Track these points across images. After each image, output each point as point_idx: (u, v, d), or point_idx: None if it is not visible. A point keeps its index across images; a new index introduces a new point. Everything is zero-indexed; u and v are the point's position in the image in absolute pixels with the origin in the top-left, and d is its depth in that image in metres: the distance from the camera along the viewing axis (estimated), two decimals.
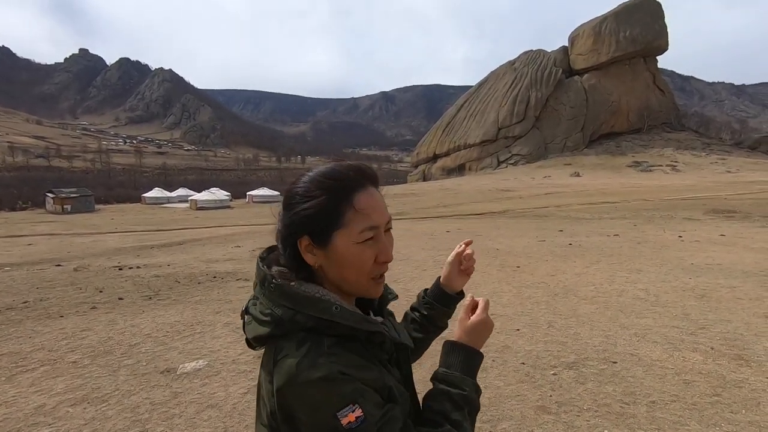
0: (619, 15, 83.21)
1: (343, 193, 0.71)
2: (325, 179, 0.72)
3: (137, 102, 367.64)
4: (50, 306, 5.68)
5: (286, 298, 0.70)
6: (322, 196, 0.71)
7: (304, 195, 0.72)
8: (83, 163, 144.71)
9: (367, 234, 0.72)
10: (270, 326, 0.70)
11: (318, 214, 0.71)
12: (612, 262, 8.12)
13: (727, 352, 3.75)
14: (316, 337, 0.68)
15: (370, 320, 0.73)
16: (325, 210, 0.71)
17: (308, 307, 0.69)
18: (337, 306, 0.70)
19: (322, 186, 0.72)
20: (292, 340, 0.68)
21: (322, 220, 0.71)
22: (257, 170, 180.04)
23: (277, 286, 0.71)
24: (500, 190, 42.60)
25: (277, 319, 0.69)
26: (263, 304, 0.72)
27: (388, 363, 0.77)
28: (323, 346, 0.67)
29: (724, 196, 26.35)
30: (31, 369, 3.63)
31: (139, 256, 11.29)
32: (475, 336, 0.82)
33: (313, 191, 0.72)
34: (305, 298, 0.70)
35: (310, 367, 0.64)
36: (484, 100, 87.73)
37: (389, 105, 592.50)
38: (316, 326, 0.69)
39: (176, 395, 3.13)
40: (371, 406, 0.65)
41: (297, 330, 0.69)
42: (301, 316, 0.69)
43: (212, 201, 50.73)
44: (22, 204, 55.37)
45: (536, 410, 2.87)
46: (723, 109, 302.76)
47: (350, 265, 0.73)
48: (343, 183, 0.72)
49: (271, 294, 0.71)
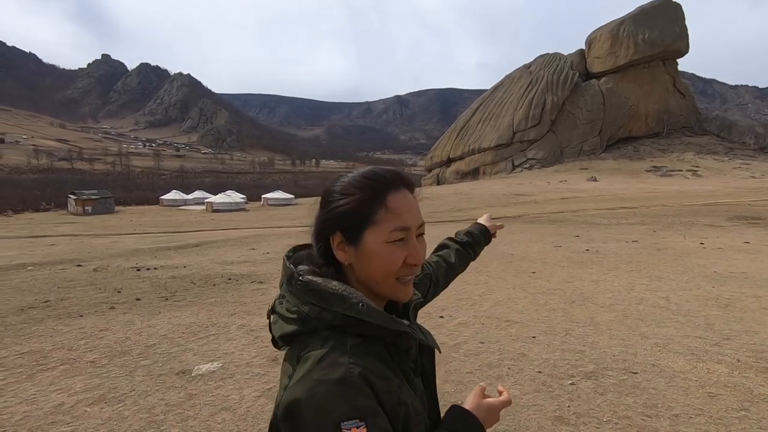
0: (638, 17, 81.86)
1: (376, 192, 0.73)
2: (362, 179, 0.75)
3: (156, 106, 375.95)
4: (70, 305, 5.80)
5: (313, 294, 0.70)
6: (357, 194, 0.73)
7: (341, 193, 0.74)
8: (104, 166, 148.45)
9: (398, 234, 0.72)
10: (296, 323, 0.70)
11: (351, 212, 0.72)
12: (631, 269, 7.93)
13: (754, 365, 3.61)
14: (340, 335, 0.68)
15: (396, 320, 0.72)
16: (359, 207, 0.72)
17: (335, 304, 0.69)
18: (364, 304, 0.69)
19: (359, 185, 0.74)
20: (318, 337, 0.68)
21: (355, 217, 0.72)
22: (272, 173, 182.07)
23: (304, 283, 0.71)
24: (515, 195, 42.15)
25: (304, 316, 0.69)
26: (290, 302, 0.72)
27: (412, 371, 0.76)
28: (346, 345, 0.66)
29: (748, 202, 25.56)
30: (51, 367, 3.71)
31: (156, 257, 11.48)
32: (486, 416, 0.81)
33: (349, 189, 0.74)
34: (332, 295, 0.69)
35: (330, 365, 0.64)
36: (499, 104, 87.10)
37: (403, 109, 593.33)
38: (342, 324, 0.68)
39: (191, 397, 3.16)
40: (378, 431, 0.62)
41: (323, 327, 0.69)
42: (328, 313, 0.68)
43: (228, 203, 51.35)
44: (46, 205, 56.93)
45: (554, 421, 2.80)
46: (746, 113, 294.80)
47: (379, 264, 0.73)
48: (378, 183, 0.74)
49: (297, 291, 0.72)
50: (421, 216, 0.77)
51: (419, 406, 0.72)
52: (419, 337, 0.77)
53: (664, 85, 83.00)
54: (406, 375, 0.74)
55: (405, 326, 0.73)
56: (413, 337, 0.75)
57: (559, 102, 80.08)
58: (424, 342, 0.79)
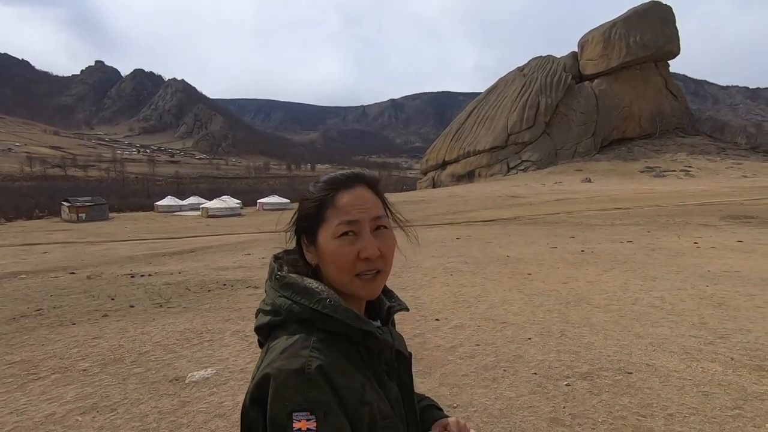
0: (629, 20, 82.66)
1: (327, 192, 0.77)
2: (318, 182, 0.80)
3: (151, 112, 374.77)
4: (63, 314, 5.75)
5: (287, 288, 0.74)
6: (313, 197, 0.78)
7: (303, 198, 0.80)
8: (98, 173, 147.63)
9: (342, 228, 0.74)
10: (270, 315, 0.73)
11: (307, 214, 0.78)
12: (625, 269, 7.96)
13: (748, 363, 3.63)
14: (307, 329, 0.70)
15: (363, 319, 0.73)
16: (312, 209, 0.77)
17: (304, 297, 0.71)
18: (332, 300, 0.71)
19: (316, 189, 0.79)
20: (286, 330, 0.71)
21: (310, 218, 0.78)
22: (268, 178, 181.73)
23: (281, 277, 0.75)
24: (510, 197, 42.27)
25: (277, 308, 0.73)
26: (268, 296, 0.76)
27: (386, 374, 0.77)
28: (310, 339, 0.68)
29: (741, 202, 25.77)
30: (43, 377, 3.66)
31: (150, 263, 11.41)
32: None
33: (309, 194, 0.79)
34: (303, 289, 0.73)
35: (291, 356, 0.66)
36: (493, 107, 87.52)
37: (398, 112, 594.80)
38: (310, 318, 0.70)
39: (184, 404, 3.12)
40: (329, 429, 0.63)
41: (292, 320, 0.71)
42: (297, 306, 0.71)
43: (223, 209, 51.19)
44: (39, 213, 56.53)
45: (549, 422, 2.79)
46: (738, 113, 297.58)
47: (331, 261, 0.75)
48: (330, 184, 0.78)
49: (274, 285, 0.76)
50: (379, 209, 0.78)
51: (388, 410, 0.71)
52: (386, 339, 0.77)
53: (656, 87, 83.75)
54: (379, 377, 0.74)
55: (372, 326, 0.73)
56: (385, 340, 0.76)
57: (553, 104, 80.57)
58: (390, 344, 0.78)
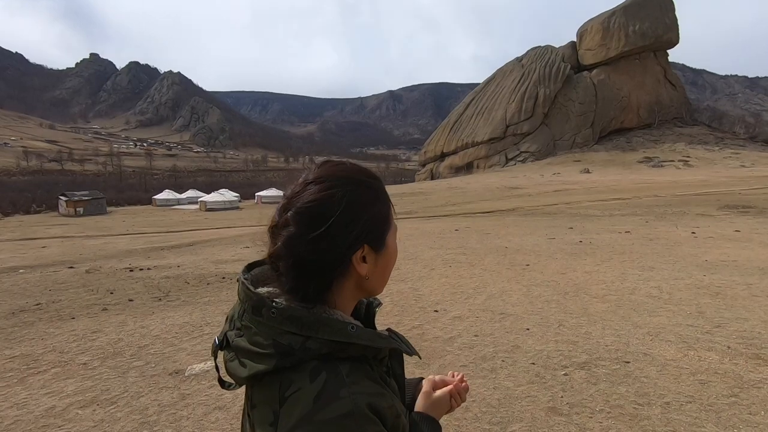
0: (628, 9, 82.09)
1: (384, 191, 0.73)
2: (368, 179, 0.72)
3: (147, 105, 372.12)
4: (62, 308, 5.75)
5: (292, 322, 0.61)
6: (375, 199, 0.70)
7: (358, 203, 0.67)
8: (95, 167, 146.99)
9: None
10: (274, 359, 0.59)
11: (381, 217, 0.70)
12: (623, 259, 7.99)
13: (744, 351, 3.66)
14: (331, 365, 0.60)
15: (383, 336, 0.67)
16: (384, 212, 0.71)
17: (321, 331, 0.60)
18: (353, 326, 0.63)
19: (372, 187, 0.71)
20: (304, 371, 0.59)
21: (383, 222, 0.70)
22: (266, 171, 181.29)
23: (280, 310, 0.61)
24: (509, 188, 42.28)
25: (285, 348, 0.60)
26: (260, 334, 0.62)
27: (386, 374, 0.72)
28: (341, 376, 0.59)
29: (739, 191, 25.83)
30: (43, 371, 3.67)
31: (149, 257, 11.40)
32: (437, 410, 0.83)
33: (363, 197, 0.69)
34: (317, 320, 0.61)
35: (332, 401, 0.57)
36: (491, 98, 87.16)
37: (396, 104, 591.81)
38: (330, 352, 0.61)
39: (184, 397, 3.14)
40: None
41: (309, 358, 0.60)
42: (314, 342, 0.60)
43: (221, 202, 51.06)
44: (36, 207, 56.36)
45: (547, 412, 2.81)
46: (736, 103, 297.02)
47: (392, 262, 0.72)
48: (380, 181, 0.73)
49: (271, 321, 0.61)
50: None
51: (403, 408, 0.71)
52: (405, 349, 0.73)
53: (655, 77, 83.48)
54: (384, 380, 0.69)
55: (392, 340, 0.69)
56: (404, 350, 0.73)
57: (552, 95, 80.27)
58: (407, 352, 0.74)
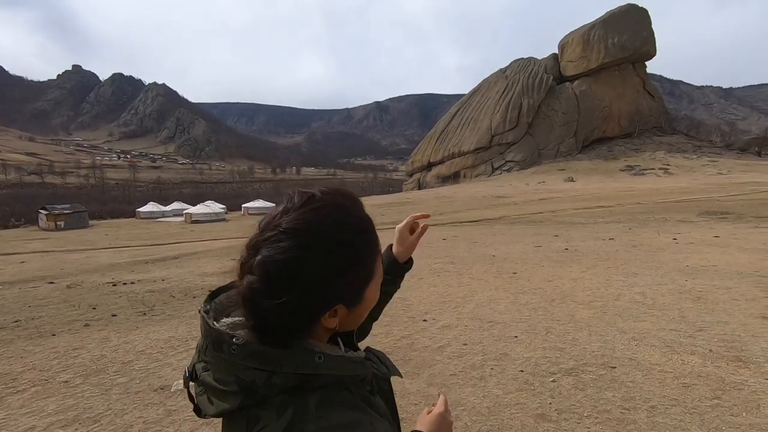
0: (607, 22, 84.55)
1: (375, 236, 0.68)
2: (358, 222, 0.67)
3: (131, 117, 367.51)
4: (42, 324, 5.59)
5: (254, 358, 0.58)
6: (363, 250, 0.65)
7: (341, 260, 0.63)
8: (77, 179, 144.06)
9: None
10: (238, 396, 0.58)
11: (365, 274, 0.66)
12: (608, 266, 8.12)
13: (725, 354, 3.74)
14: (298, 399, 0.58)
15: (355, 360, 0.65)
16: (370, 264, 0.67)
17: (285, 365, 0.58)
18: (320, 355, 0.60)
19: (358, 236, 0.66)
20: (271, 406, 0.58)
21: (367, 277, 0.67)
22: (252, 182, 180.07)
23: (241, 346, 0.58)
24: (495, 197, 42.72)
25: (248, 385, 0.58)
26: (222, 371, 0.59)
27: (370, 394, 0.69)
28: (309, 409, 0.57)
29: (717, 198, 26.55)
30: (22, 390, 3.56)
31: (133, 271, 11.18)
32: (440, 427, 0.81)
33: (355, 244, 0.65)
34: (280, 354, 0.59)
35: None
36: (477, 108, 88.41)
37: (383, 114, 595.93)
38: (297, 385, 0.59)
39: (170, 413, 3.07)
40: None
41: (275, 393, 0.58)
42: (279, 377, 0.58)
43: (207, 214, 50.43)
44: (15, 221, 54.87)
45: (536, 418, 2.84)
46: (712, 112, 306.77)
47: (368, 307, 0.70)
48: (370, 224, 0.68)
49: (233, 357, 0.58)
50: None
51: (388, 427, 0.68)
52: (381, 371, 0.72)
53: (634, 87, 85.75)
54: (367, 401, 0.66)
55: (365, 365, 0.66)
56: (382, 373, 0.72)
57: (535, 105, 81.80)
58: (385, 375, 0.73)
